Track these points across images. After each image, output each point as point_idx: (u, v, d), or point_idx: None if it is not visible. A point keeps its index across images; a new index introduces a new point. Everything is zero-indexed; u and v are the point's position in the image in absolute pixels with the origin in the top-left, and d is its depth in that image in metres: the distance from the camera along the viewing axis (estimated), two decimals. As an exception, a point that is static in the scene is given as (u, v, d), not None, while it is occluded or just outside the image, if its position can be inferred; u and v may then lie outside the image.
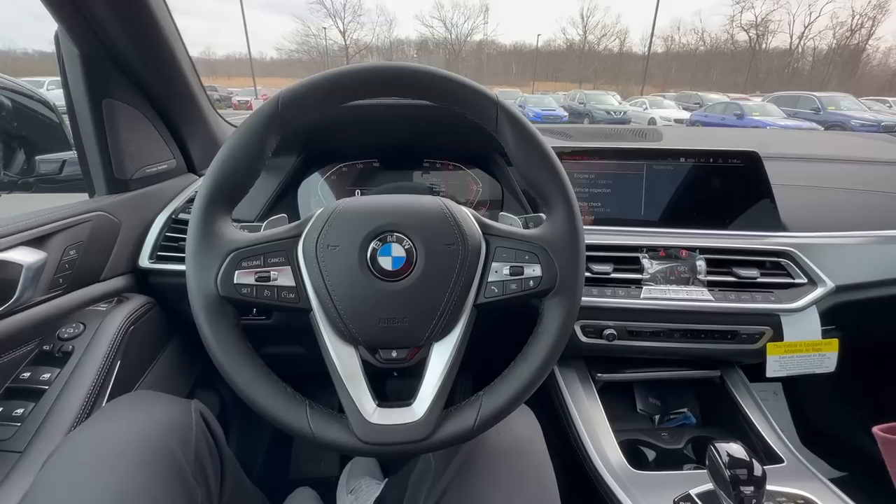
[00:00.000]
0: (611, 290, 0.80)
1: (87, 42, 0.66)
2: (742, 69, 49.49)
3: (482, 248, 0.53)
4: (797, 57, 50.27)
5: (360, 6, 53.33)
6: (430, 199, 0.54)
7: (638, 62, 53.68)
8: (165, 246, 0.80)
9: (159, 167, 0.83)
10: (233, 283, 0.49)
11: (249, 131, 0.51)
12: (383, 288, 0.50)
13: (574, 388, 0.85)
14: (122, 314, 0.69)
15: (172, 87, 0.80)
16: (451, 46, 59.79)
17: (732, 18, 52.19)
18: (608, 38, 59.49)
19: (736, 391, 0.86)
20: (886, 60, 47.69)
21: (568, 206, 0.53)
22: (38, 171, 0.79)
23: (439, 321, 0.51)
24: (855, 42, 46.31)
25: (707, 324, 0.80)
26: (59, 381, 0.59)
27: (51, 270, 0.62)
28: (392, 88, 0.53)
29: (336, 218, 0.51)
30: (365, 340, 0.52)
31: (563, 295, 0.53)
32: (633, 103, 16.87)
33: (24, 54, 53.64)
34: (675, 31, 59.27)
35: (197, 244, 0.49)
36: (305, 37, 55.29)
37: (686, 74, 56.05)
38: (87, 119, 0.70)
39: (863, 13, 45.36)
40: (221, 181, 0.51)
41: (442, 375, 0.51)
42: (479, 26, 60.42)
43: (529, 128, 0.53)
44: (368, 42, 59.38)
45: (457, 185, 0.95)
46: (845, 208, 0.93)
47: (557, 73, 61.01)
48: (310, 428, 0.48)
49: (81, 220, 0.68)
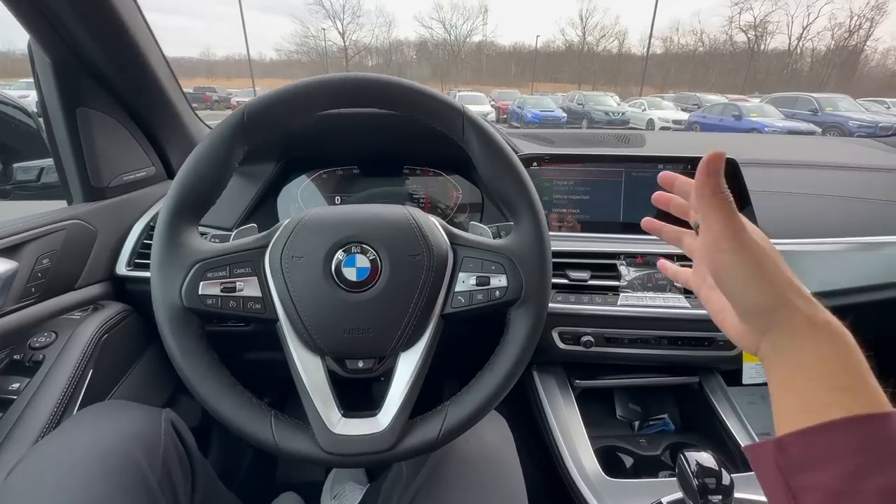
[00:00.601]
0: (588, 297, 0.81)
1: (58, 51, 0.66)
2: (740, 70, 49.60)
3: (449, 258, 0.53)
4: (795, 58, 50.37)
5: (360, 7, 53.43)
6: (396, 209, 0.54)
7: (637, 63, 53.75)
8: (143, 253, 0.80)
9: (137, 175, 0.83)
10: (197, 294, 0.49)
11: (215, 142, 0.51)
12: (348, 299, 0.50)
13: (552, 395, 0.86)
14: (95, 322, 0.69)
15: (148, 94, 0.80)
16: (450, 47, 59.82)
17: (731, 20, 52.32)
18: (607, 40, 59.62)
19: (714, 397, 0.86)
20: (884, 61, 47.82)
21: (533, 216, 0.53)
22: (15, 178, 0.79)
23: (405, 331, 0.51)
24: (853, 43, 46.42)
25: (684, 330, 0.80)
26: (29, 390, 0.58)
27: (22, 279, 0.62)
28: (357, 100, 0.53)
29: (301, 229, 0.51)
30: (330, 351, 0.52)
31: (529, 305, 0.53)
32: (631, 104, 16.89)
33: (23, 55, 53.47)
34: (673, 33, 59.43)
35: (161, 255, 0.50)
36: (305, 38, 55.36)
37: (685, 75, 56.16)
38: (62, 128, 0.70)
39: (861, 14, 45.49)
40: (187, 192, 0.51)
41: (408, 385, 0.52)
42: (479, 27, 60.54)
43: (495, 137, 0.53)
44: (368, 43, 59.46)
45: (437, 191, 0.95)
46: (824, 215, 0.93)
47: (556, 74, 61.09)
48: (273, 439, 0.48)
49: (55, 229, 0.68)
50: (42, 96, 0.69)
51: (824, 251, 0.85)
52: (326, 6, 51.79)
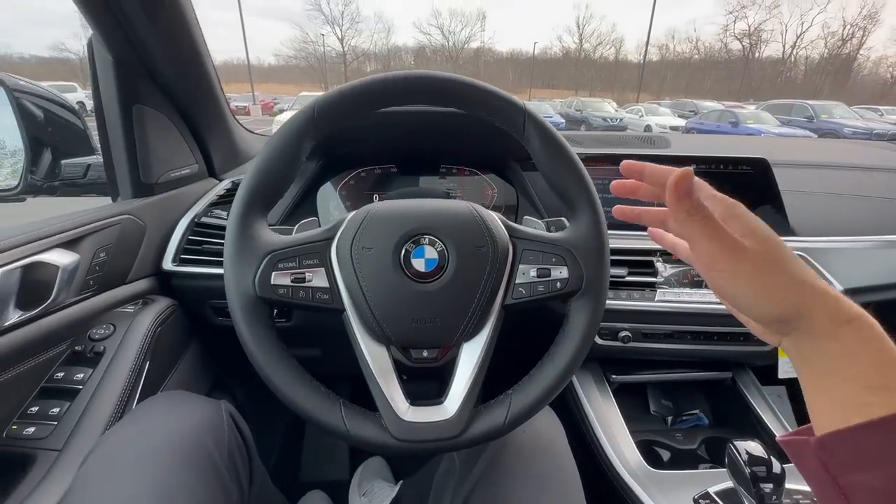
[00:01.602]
0: (626, 293, 0.82)
1: (121, 49, 0.68)
2: (736, 77, 50.13)
3: (510, 251, 0.54)
4: (790, 66, 50.98)
5: (358, 13, 53.81)
6: (461, 203, 0.55)
7: (633, 70, 54.26)
8: (188, 249, 0.81)
9: (182, 171, 0.85)
10: (270, 284, 0.50)
11: (286, 136, 0.52)
12: (416, 289, 0.51)
13: (590, 390, 0.87)
14: (149, 316, 0.70)
15: (199, 93, 0.82)
16: (448, 53, 60.25)
17: (726, 28, 52.99)
18: (604, 47, 60.21)
19: (748, 392, 0.87)
20: (877, 70, 48.47)
21: (593, 211, 0.55)
22: (63, 174, 0.80)
23: (469, 321, 0.52)
24: (846, 52, 47.08)
25: (720, 326, 0.82)
26: (93, 380, 0.59)
27: (83, 272, 0.63)
28: (422, 97, 0.55)
29: (370, 221, 0.53)
30: (398, 340, 0.53)
31: (589, 296, 0.55)
32: (629, 110, 17.04)
33: (21, 59, 53.65)
34: (669, 40, 60.07)
35: (235, 246, 0.51)
36: (303, 43, 55.58)
37: (681, 82, 56.70)
38: (117, 124, 0.72)
39: (853, 23, 46.18)
40: (259, 185, 0.52)
41: (472, 374, 0.53)
42: (477, 34, 61.05)
43: (556, 135, 0.55)
44: (366, 48, 59.72)
45: (472, 189, 0.97)
46: (852, 214, 0.96)
47: (554, 81, 61.53)
48: (345, 426, 0.49)
49: (111, 223, 0.69)
50: (98, 93, 0.71)
51: (854, 248, 0.87)
52: (325, 12, 52.15)
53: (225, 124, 0.92)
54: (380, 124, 0.87)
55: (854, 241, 0.87)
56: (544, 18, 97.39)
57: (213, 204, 0.87)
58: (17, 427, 0.54)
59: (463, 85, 0.55)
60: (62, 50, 45.72)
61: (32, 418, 0.55)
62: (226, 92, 0.92)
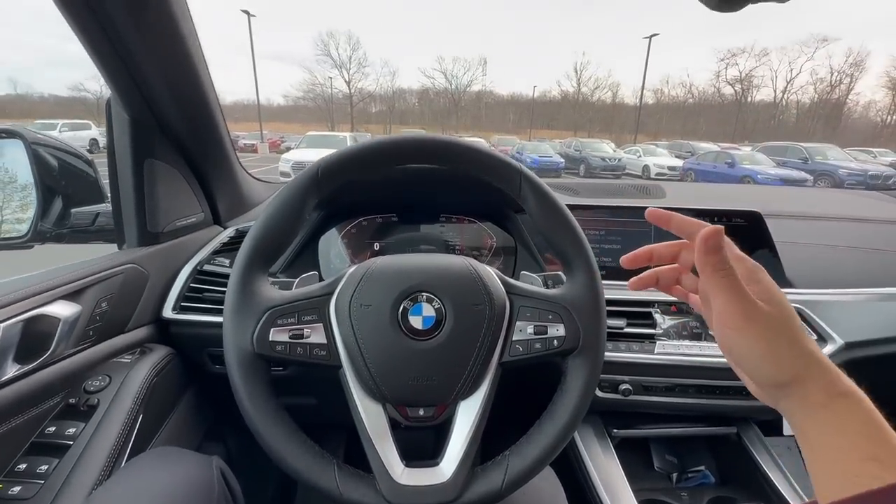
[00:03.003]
0: (625, 344, 0.82)
1: (137, 108, 0.71)
2: (730, 120, 51.65)
3: (507, 308, 0.55)
4: (782, 109, 52.64)
5: (366, 58, 56.19)
6: (458, 259, 0.57)
7: (630, 112, 56.04)
8: (189, 297, 0.82)
9: (188, 220, 0.87)
10: (268, 341, 0.51)
11: (290, 196, 0.54)
12: (413, 347, 0.52)
13: (591, 445, 0.85)
14: (146, 366, 0.70)
15: (208, 146, 0.86)
16: (451, 96, 62.51)
17: (718, 74, 55.11)
18: (601, 90, 62.48)
19: (753, 449, 0.85)
20: (867, 114, 49.97)
21: (589, 269, 0.56)
22: (72, 222, 0.82)
23: (467, 380, 0.52)
24: (836, 97, 48.73)
25: (721, 379, 0.81)
26: (84, 435, 0.59)
27: (84, 323, 0.64)
28: (422, 159, 0.57)
29: (369, 277, 0.54)
30: (394, 398, 0.53)
31: (586, 354, 0.55)
32: (627, 151, 17.46)
33: (41, 98, 56.04)
34: (664, 85, 62.38)
35: (235, 302, 0.52)
36: (312, 85, 57.83)
37: (676, 124, 58.43)
38: (128, 177, 0.74)
39: (840, 70, 48.04)
40: (262, 242, 0.53)
41: (469, 434, 0.52)
42: (478, 78, 63.45)
43: (551, 194, 0.57)
44: (372, 91, 62.08)
45: (472, 238, 0.98)
46: (847, 266, 0.96)
47: (553, 122, 63.46)
48: (338, 488, 0.48)
49: (115, 273, 0.70)
50: (113, 148, 0.74)
51: (852, 301, 0.87)
52: (334, 57, 54.54)
53: (231, 173, 0.95)
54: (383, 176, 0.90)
55: (853, 294, 0.87)
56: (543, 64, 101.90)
57: (216, 252, 0.89)
58: (3, 486, 0.53)
59: (459, 147, 0.57)
60: (80, 90, 47.69)
61: (20, 476, 0.54)
62: (235, 130, 0.96)
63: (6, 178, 0.79)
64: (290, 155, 10.51)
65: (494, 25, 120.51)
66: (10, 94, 56.11)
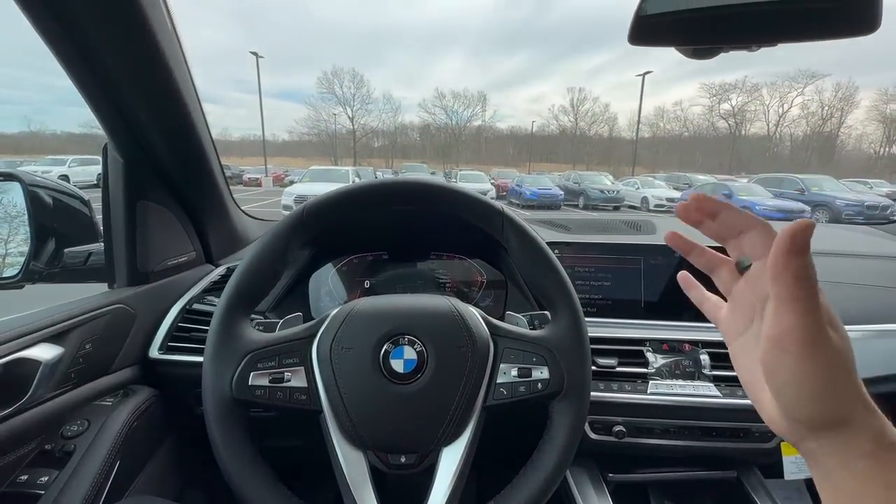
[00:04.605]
0: (617, 384, 0.80)
1: (131, 152, 0.74)
2: (725, 152, 52.73)
3: (490, 350, 0.54)
4: (776, 142, 53.82)
5: (369, 95, 58.15)
6: (441, 300, 0.57)
7: (627, 145, 57.32)
8: (176, 336, 0.82)
9: (180, 259, 0.88)
10: (248, 385, 0.50)
11: (274, 238, 0.55)
12: (394, 391, 0.51)
13: (586, 491, 0.81)
14: (127, 410, 0.69)
15: (202, 185, 0.87)
16: (451, 131, 64.20)
17: (711, 108, 56.70)
18: (598, 125, 64.22)
19: (755, 494, 0.82)
20: (860, 146, 50.96)
21: (572, 310, 0.56)
22: (64, 262, 0.82)
23: (449, 425, 0.51)
24: (828, 129, 49.88)
25: (717, 420, 0.79)
26: (57, 484, 0.57)
27: (65, 366, 0.63)
28: (403, 201, 0.58)
29: (351, 320, 0.54)
30: (374, 445, 0.51)
31: (572, 398, 0.54)
32: (625, 183, 17.71)
33: (53, 135, 57.89)
34: (659, 119, 64.18)
35: (216, 346, 0.51)
36: (316, 122, 59.58)
37: (673, 157, 59.62)
38: (121, 218, 0.76)
39: (831, 104, 49.41)
40: (245, 285, 0.54)
41: (452, 483, 0.51)
42: (478, 113, 65.38)
43: (533, 236, 0.57)
44: (375, 126, 63.83)
45: (461, 274, 0.98)
46: (843, 302, 0.95)
47: (552, 155, 64.84)
48: None
49: (101, 314, 0.70)
50: (108, 190, 0.76)
51: (861, 337, 0.85)
52: (338, 94, 56.48)
53: (225, 211, 0.97)
54: (371, 215, 0.91)
55: (860, 330, 0.86)
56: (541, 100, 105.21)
57: (206, 290, 0.89)
58: (-32, 540, 0.51)
59: (441, 189, 0.58)
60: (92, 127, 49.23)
61: (-15, 530, 0.52)
62: (240, 165, 0.98)
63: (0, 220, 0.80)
64: (292, 189, 10.66)
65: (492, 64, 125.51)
66: (25, 130, 58.31)
